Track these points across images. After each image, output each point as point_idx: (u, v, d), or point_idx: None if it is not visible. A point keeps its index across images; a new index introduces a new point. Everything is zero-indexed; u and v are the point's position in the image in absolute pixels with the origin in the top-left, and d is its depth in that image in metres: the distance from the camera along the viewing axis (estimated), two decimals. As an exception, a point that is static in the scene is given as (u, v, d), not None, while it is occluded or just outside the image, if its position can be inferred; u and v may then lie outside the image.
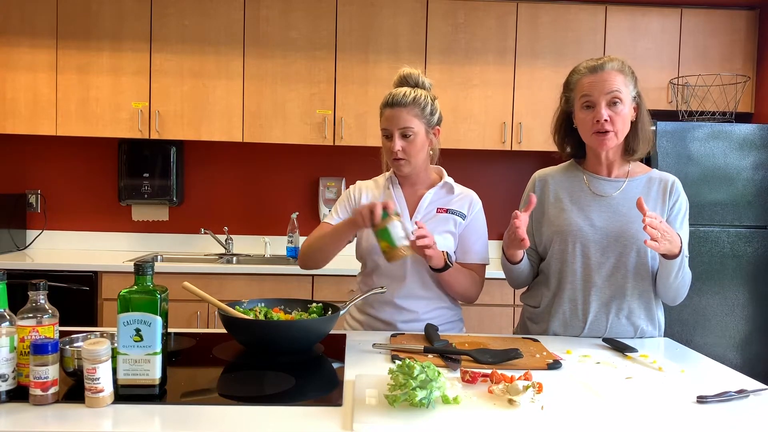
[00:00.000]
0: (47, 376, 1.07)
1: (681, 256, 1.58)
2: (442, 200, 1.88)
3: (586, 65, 1.68)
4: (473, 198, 1.91)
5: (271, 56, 3.38)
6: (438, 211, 1.86)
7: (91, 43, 3.34)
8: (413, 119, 1.80)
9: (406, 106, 1.79)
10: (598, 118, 1.63)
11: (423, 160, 1.85)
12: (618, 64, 1.66)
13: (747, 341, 3.18)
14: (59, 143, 3.68)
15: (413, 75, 1.88)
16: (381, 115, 1.85)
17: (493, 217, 3.87)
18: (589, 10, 3.48)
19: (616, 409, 1.15)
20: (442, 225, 1.84)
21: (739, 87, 3.46)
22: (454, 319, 1.91)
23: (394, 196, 1.88)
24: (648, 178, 1.75)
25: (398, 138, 1.79)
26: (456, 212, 1.86)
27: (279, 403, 1.13)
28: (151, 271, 1.17)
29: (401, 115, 1.79)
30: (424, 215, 1.85)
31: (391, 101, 1.81)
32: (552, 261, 1.76)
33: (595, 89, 1.63)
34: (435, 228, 1.82)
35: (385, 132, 1.83)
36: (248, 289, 3.09)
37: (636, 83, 1.68)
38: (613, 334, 1.72)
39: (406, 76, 1.88)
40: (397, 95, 1.81)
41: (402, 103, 1.79)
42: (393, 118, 1.80)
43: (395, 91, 1.83)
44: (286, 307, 1.62)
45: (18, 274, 2.79)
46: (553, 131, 1.81)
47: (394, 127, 1.79)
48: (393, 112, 1.80)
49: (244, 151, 3.74)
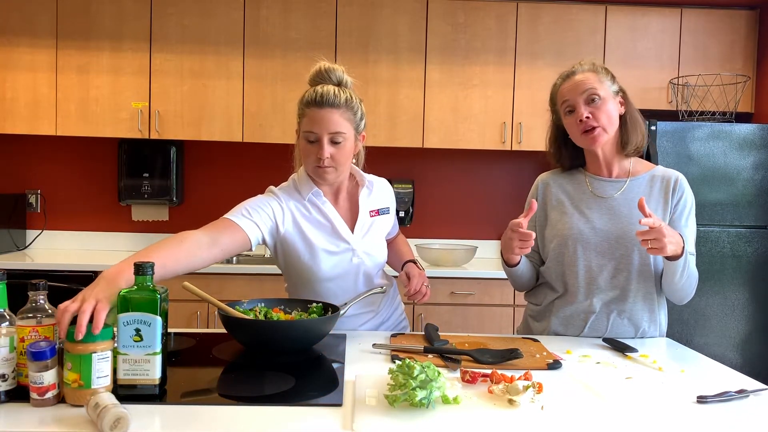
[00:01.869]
0: (45, 381, 1.07)
1: (684, 256, 1.57)
2: (368, 201, 1.77)
3: (561, 75, 1.75)
4: (384, 185, 1.84)
5: (271, 56, 3.38)
6: (371, 215, 1.77)
7: (91, 43, 3.34)
8: (344, 123, 1.61)
9: (338, 108, 1.60)
10: (580, 118, 1.66)
11: (347, 167, 1.69)
12: (588, 65, 1.71)
13: (747, 341, 3.18)
14: (59, 143, 3.68)
15: (336, 71, 1.67)
16: (302, 114, 1.63)
17: (493, 217, 3.91)
18: (589, 10, 3.48)
19: (616, 409, 1.15)
20: (378, 228, 1.79)
21: (739, 87, 3.46)
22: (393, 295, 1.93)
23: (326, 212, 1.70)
24: (650, 177, 1.75)
25: (327, 144, 1.60)
26: (383, 210, 1.80)
27: (279, 403, 1.13)
28: (151, 271, 1.17)
29: (332, 117, 1.59)
30: (363, 227, 1.74)
31: (319, 100, 1.59)
32: (554, 264, 1.76)
33: (572, 93, 1.68)
34: (376, 233, 1.77)
35: (309, 135, 1.61)
36: (248, 289, 3.09)
37: (614, 80, 1.72)
38: (613, 333, 1.72)
39: (327, 71, 1.66)
40: (327, 94, 1.60)
41: (334, 103, 1.60)
42: (322, 121, 1.59)
43: (324, 89, 1.61)
44: (286, 307, 1.62)
45: (18, 274, 2.78)
46: (549, 146, 1.84)
47: (324, 131, 1.59)
48: (322, 114, 1.59)
49: (244, 151, 3.74)
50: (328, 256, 1.69)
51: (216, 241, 1.55)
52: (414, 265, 1.81)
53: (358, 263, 1.73)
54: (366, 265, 1.74)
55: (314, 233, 1.69)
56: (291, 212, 1.69)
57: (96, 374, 1.08)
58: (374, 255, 1.76)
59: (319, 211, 1.72)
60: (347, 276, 1.73)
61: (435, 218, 3.86)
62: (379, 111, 3.43)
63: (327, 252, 1.69)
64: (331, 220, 1.71)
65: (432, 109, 3.46)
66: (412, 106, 3.44)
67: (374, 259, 1.76)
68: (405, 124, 3.44)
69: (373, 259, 1.76)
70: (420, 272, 1.78)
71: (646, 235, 1.47)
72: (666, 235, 1.47)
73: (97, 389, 1.08)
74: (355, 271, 1.74)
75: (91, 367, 1.07)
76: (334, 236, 1.71)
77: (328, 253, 1.69)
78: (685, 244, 1.59)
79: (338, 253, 1.71)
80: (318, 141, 1.61)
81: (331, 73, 1.66)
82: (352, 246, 1.72)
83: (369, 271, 1.76)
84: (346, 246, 1.71)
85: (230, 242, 1.58)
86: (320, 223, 1.71)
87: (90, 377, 1.07)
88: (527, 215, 1.61)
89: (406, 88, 3.43)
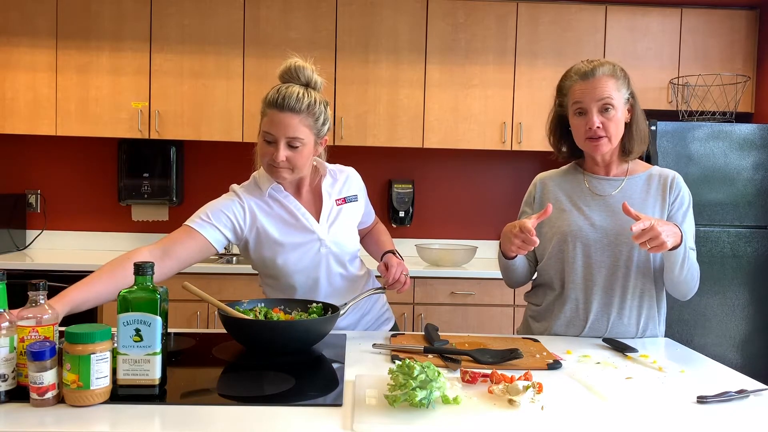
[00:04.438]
0: (44, 382, 1.07)
1: (683, 246, 1.57)
2: (333, 191, 1.76)
3: (577, 71, 1.69)
4: (353, 174, 1.84)
5: (271, 56, 3.38)
6: (337, 204, 1.76)
7: (91, 43, 3.34)
8: (303, 129, 1.59)
9: (299, 114, 1.58)
10: (590, 126, 1.64)
11: (307, 167, 1.68)
12: (609, 68, 1.66)
13: (747, 341, 3.18)
14: (59, 143, 3.68)
15: (305, 70, 1.64)
16: (263, 113, 1.62)
17: (493, 217, 3.91)
18: (589, 10, 3.48)
19: (616, 409, 1.15)
20: (347, 216, 1.78)
21: (739, 87, 3.46)
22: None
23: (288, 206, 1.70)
24: (648, 176, 1.75)
25: (283, 147, 1.59)
26: (350, 198, 1.79)
27: (279, 403, 1.13)
28: (151, 272, 1.17)
29: (291, 122, 1.57)
30: (329, 215, 1.73)
31: (281, 102, 1.57)
32: (553, 261, 1.76)
33: (587, 96, 1.64)
34: (344, 221, 1.76)
35: (267, 136, 1.60)
36: (248, 289, 3.09)
37: (629, 84, 1.69)
38: (614, 332, 1.72)
39: (297, 70, 1.63)
40: (289, 97, 1.57)
41: (294, 108, 1.57)
42: (280, 125, 1.57)
43: (287, 90, 1.59)
44: (286, 307, 1.62)
45: (18, 274, 2.78)
46: (548, 133, 1.83)
47: (281, 135, 1.58)
48: (281, 117, 1.57)
49: (244, 151, 3.73)
50: (293, 249, 1.68)
51: (168, 252, 1.55)
52: (393, 255, 1.80)
53: (326, 253, 1.71)
54: (335, 253, 1.72)
55: (277, 228, 1.68)
56: (252, 210, 1.68)
57: (95, 375, 1.08)
58: (343, 243, 1.74)
59: (281, 205, 1.70)
60: (317, 267, 1.71)
61: (435, 218, 3.86)
62: (379, 111, 3.43)
63: (292, 245, 1.68)
64: (294, 213, 1.70)
65: (432, 109, 3.45)
66: (412, 106, 3.44)
67: (343, 247, 1.74)
68: (405, 124, 3.44)
69: (342, 247, 1.74)
70: (399, 261, 1.76)
71: (642, 238, 1.47)
72: (662, 231, 1.46)
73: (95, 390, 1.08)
74: (325, 261, 1.72)
75: (90, 367, 1.07)
76: (299, 229, 1.69)
77: (292, 246, 1.68)
78: (685, 240, 1.58)
79: (304, 244, 1.69)
80: (275, 143, 1.59)
81: (300, 72, 1.63)
82: (318, 236, 1.70)
83: (340, 260, 1.74)
84: (311, 236, 1.70)
85: (187, 251, 1.58)
86: (282, 218, 1.70)
87: (89, 378, 1.07)
88: (540, 217, 1.60)
89: (406, 88, 3.43)
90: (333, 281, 1.75)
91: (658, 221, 1.48)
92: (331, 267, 1.73)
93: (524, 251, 1.61)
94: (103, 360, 1.08)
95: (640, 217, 1.48)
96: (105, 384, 1.10)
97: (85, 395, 1.07)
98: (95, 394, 1.08)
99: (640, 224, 1.45)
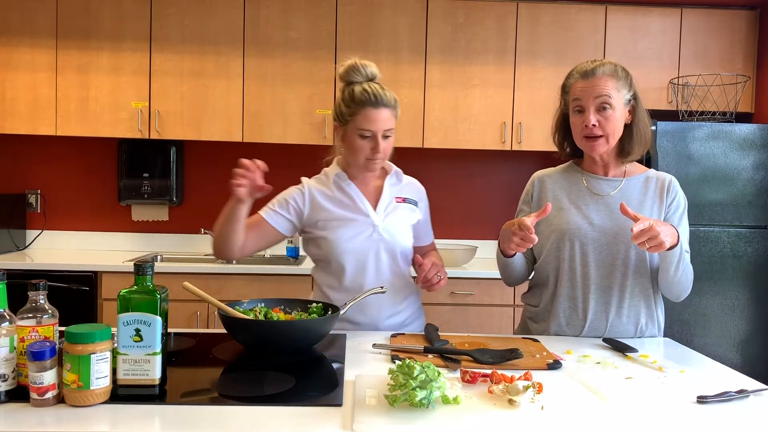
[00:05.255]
0: (44, 381, 1.07)
1: (679, 247, 1.58)
2: (395, 189, 1.88)
3: (579, 69, 1.70)
4: (419, 185, 1.96)
5: (271, 56, 3.38)
6: (396, 201, 1.86)
7: (91, 43, 3.34)
8: (393, 120, 1.77)
9: (391, 108, 1.75)
10: (587, 123, 1.65)
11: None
12: (610, 68, 1.67)
13: (747, 341, 3.18)
14: (59, 143, 3.68)
15: (369, 67, 1.80)
16: (355, 113, 1.73)
17: (493, 217, 3.91)
18: (589, 10, 3.48)
19: (616, 409, 1.15)
20: (404, 216, 1.86)
21: (739, 87, 3.46)
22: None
23: (348, 192, 1.82)
24: (645, 178, 1.77)
25: (381, 140, 1.74)
26: (410, 200, 1.89)
27: (279, 403, 1.13)
28: (151, 271, 1.17)
29: (387, 117, 1.73)
30: (386, 206, 1.83)
31: (375, 101, 1.72)
32: (551, 260, 1.77)
33: (585, 94, 1.66)
34: (400, 220, 1.84)
35: (364, 132, 1.73)
36: (248, 289, 3.09)
37: (631, 85, 1.69)
38: (613, 332, 1.73)
39: (362, 67, 1.79)
40: (381, 95, 1.73)
41: (388, 104, 1.74)
42: (378, 120, 1.72)
43: (375, 89, 1.73)
44: (286, 307, 1.62)
45: (18, 274, 2.78)
46: (553, 131, 1.83)
47: (380, 129, 1.72)
48: (378, 114, 1.72)
49: (244, 151, 3.74)
50: (345, 225, 1.78)
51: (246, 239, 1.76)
52: (435, 253, 1.84)
53: (378, 239, 1.79)
54: (386, 242, 1.79)
55: (333, 206, 1.81)
56: (311, 194, 1.83)
57: (95, 375, 1.08)
58: (396, 235, 1.81)
59: (342, 191, 1.83)
60: (367, 251, 1.78)
61: (435, 218, 3.82)
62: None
63: (345, 221, 1.78)
64: (353, 197, 1.82)
65: (432, 109, 3.45)
66: (412, 106, 3.44)
67: (395, 238, 1.81)
68: (405, 124, 3.43)
69: (394, 238, 1.81)
70: (437, 263, 1.78)
71: (641, 238, 1.48)
72: (660, 231, 1.48)
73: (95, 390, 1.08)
74: (376, 247, 1.79)
75: (90, 367, 1.07)
76: (354, 210, 1.80)
77: (345, 221, 1.78)
78: (681, 241, 1.59)
79: (357, 224, 1.78)
80: (373, 137, 1.73)
81: (365, 68, 1.79)
82: (372, 221, 1.79)
83: (390, 251, 1.80)
84: (365, 219, 1.79)
85: (257, 238, 1.79)
86: (340, 200, 1.82)
87: (89, 378, 1.07)
88: (539, 215, 1.61)
89: (406, 88, 3.43)
90: (381, 270, 1.80)
91: (657, 222, 1.50)
92: (381, 255, 1.80)
93: (522, 249, 1.62)
94: (103, 360, 1.08)
95: (639, 218, 1.49)
96: (105, 384, 1.10)
97: (85, 395, 1.07)
98: (95, 394, 1.08)
99: (640, 224, 1.46)
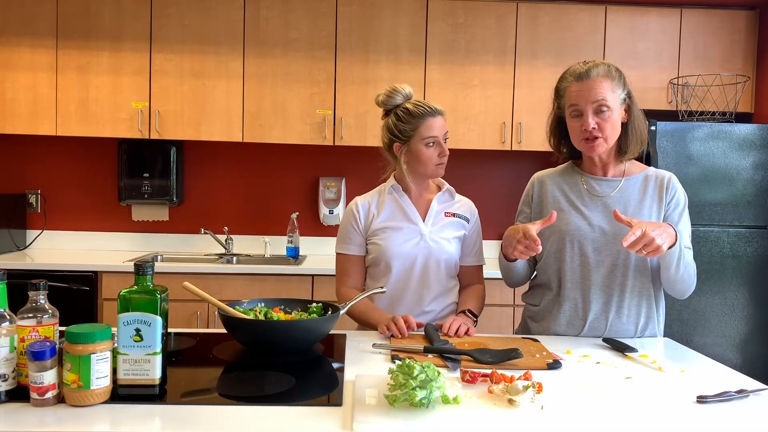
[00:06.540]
0: (45, 381, 1.07)
1: (677, 246, 1.58)
2: (446, 205, 1.96)
3: (572, 72, 1.70)
4: (472, 204, 2.03)
5: (271, 56, 3.38)
6: (446, 215, 1.93)
7: (91, 43, 3.34)
8: (446, 125, 1.93)
9: (443, 115, 1.92)
10: (586, 127, 1.65)
11: None
12: (604, 69, 1.67)
13: (747, 341, 3.18)
14: (59, 143, 3.68)
15: (408, 89, 1.95)
16: (417, 126, 1.87)
17: (492, 217, 3.90)
18: (589, 10, 3.47)
19: (616, 409, 1.15)
20: (452, 229, 1.92)
21: (739, 87, 3.46)
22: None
23: (401, 203, 1.93)
24: (644, 177, 1.76)
25: (444, 144, 1.89)
26: (461, 216, 1.96)
27: (279, 403, 1.13)
28: (151, 271, 1.17)
29: (443, 123, 1.90)
30: (434, 219, 1.91)
31: (431, 111, 1.88)
32: (551, 261, 1.77)
33: (582, 98, 1.65)
34: (447, 231, 1.91)
35: (430, 140, 1.87)
36: (248, 289, 3.09)
37: (625, 84, 1.69)
38: (613, 332, 1.73)
39: (402, 89, 1.95)
40: (434, 106, 1.89)
41: (441, 112, 1.91)
42: (438, 127, 1.87)
43: (429, 103, 1.90)
44: (286, 307, 1.62)
45: (18, 274, 2.78)
46: (548, 134, 1.84)
47: (441, 134, 1.88)
48: (436, 122, 1.87)
49: (244, 151, 3.74)
50: (395, 231, 1.89)
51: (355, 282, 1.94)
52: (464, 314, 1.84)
53: (424, 247, 1.87)
54: (433, 250, 1.87)
55: (385, 214, 1.92)
56: (366, 208, 1.95)
57: (95, 375, 1.08)
58: (442, 244, 1.89)
59: (395, 201, 1.94)
60: (414, 257, 1.86)
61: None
62: (380, 111, 3.40)
63: (395, 228, 1.89)
64: (403, 207, 1.92)
65: (432, 109, 3.45)
66: (412, 106, 3.44)
67: (441, 247, 1.88)
68: (405, 124, 3.43)
69: (441, 246, 1.88)
70: (466, 320, 1.76)
71: (636, 246, 1.48)
72: (655, 236, 1.47)
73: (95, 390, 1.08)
74: (423, 254, 1.87)
75: (90, 367, 1.07)
76: (404, 219, 1.91)
77: (395, 228, 1.89)
78: (680, 239, 1.59)
79: (406, 231, 1.88)
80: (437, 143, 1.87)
81: (403, 89, 1.94)
82: (420, 230, 1.89)
83: (436, 259, 1.88)
84: (414, 227, 1.89)
85: (360, 272, 1.95)
86: (392, 209, 1.93)
87: (89, 378, 1.07)
88: (545, 223, 1.61)
89: (406, 88, 3.43)
90: (425, 276, 1.88)
91: (650, 225, 1.49)
92: (427, 262, 1.88)
93: (526, 257, 1.62)
94: (103, 360, 1.09)
95: (633, 224, 1.49)
96: (105, 384, 1.10)
97: (85, 395, 1.08)
98: (95, 393, 1.08)
99: (631, 236, 1.46)
